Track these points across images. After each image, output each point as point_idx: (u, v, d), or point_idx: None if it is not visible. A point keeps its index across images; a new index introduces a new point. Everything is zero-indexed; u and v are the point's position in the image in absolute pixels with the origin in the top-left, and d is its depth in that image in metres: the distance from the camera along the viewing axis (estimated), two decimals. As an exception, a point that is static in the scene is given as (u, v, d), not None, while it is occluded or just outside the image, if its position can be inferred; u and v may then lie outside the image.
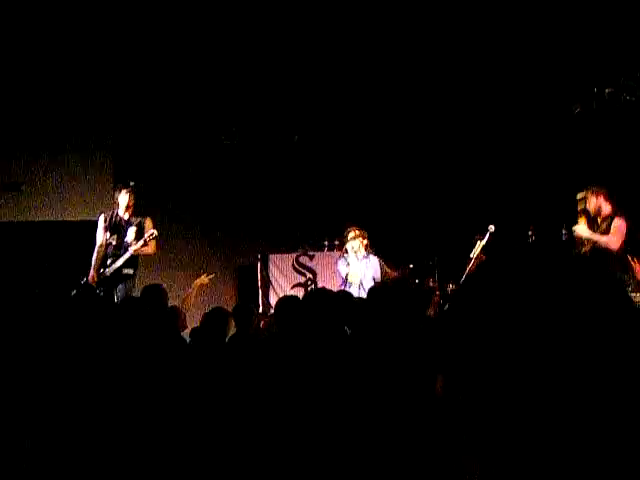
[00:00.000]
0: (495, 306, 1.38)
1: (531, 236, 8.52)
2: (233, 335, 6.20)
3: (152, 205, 8.87)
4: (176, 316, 6.30)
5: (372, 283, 8.43)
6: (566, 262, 1.46)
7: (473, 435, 1.35)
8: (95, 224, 8.50)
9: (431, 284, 8.99)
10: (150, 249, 8.14)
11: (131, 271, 8.20)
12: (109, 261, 8.17)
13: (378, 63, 9.92)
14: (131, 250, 8.07)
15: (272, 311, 8.50)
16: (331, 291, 4.19)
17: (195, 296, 7.29)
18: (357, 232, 8.47)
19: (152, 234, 8.08)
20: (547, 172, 9.79)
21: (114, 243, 8.22)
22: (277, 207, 10.29)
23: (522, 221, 8.95)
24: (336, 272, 8.71)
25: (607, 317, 1.33)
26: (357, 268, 8.38)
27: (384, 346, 3.44)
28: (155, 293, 6.52)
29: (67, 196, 9.82)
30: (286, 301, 4.89)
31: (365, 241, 8.48)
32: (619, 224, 7.36)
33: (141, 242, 8.04)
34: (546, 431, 1.30)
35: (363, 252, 8.45)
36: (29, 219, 9.65)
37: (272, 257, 10.05)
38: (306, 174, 10.42)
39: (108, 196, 9.69)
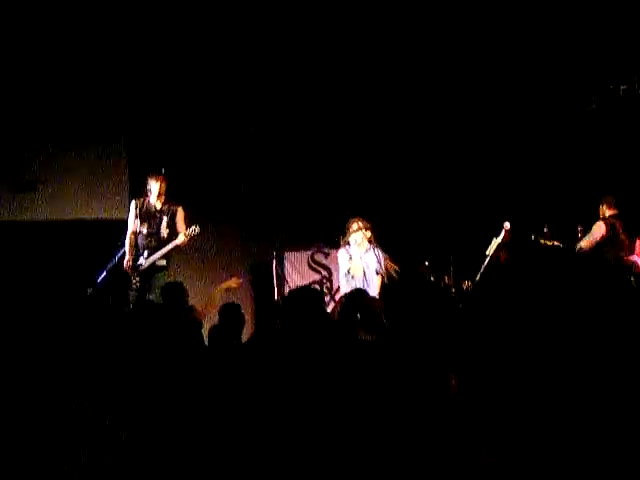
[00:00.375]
0: (510, 306, 1.42)
1: (546, 234, 8.55)
2: (254, 335, 6.21)
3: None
4: (192, 314, 6.36)
5: (375, 276, 8.40)
6: (581, 263, 1.49)
7: (486, 434, 1.39)
8: (111, 223, 8.59)
9: (446, 281, 8.97)
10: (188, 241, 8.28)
11: (164, 262, 8.28)
12: (146, 253, 8.23)
13: (394, 55, 9.91)
14: (173, 245, 8.12)
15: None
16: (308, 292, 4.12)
17: (220, 298, 7.28)
18: (361, 224, 8.30)
19: (194, 231, 8.13)
20: (562, 169, 9.79)
21: (145, 232, 8.27)
22: (292, 204, 10.28)
23: (537, 219, 8.91)
24: (337, 264, 8.59)
25: (623, 319, 1.36)
26: (359, 261, 8.26)
27: (400, 344, 3.43)
28: (176, 291, 6.58)
29: (83, 195, 9.82)
30: (298, 294, 4.74)
31: (369, 233, 8.32)
32: (593, 228, 8.29)
33: (183, 238, 8.08)
34: (559, 430, 1.33)
35: (366, 244, 8.33)
36: (45, 218, 9.69)
37: (287, 254, 10.05)
38: (321, 171, 10.40)
39: (123, 194, 9.80)
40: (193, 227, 8.14)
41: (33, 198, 9.64)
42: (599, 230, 8.28)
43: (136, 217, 8.31)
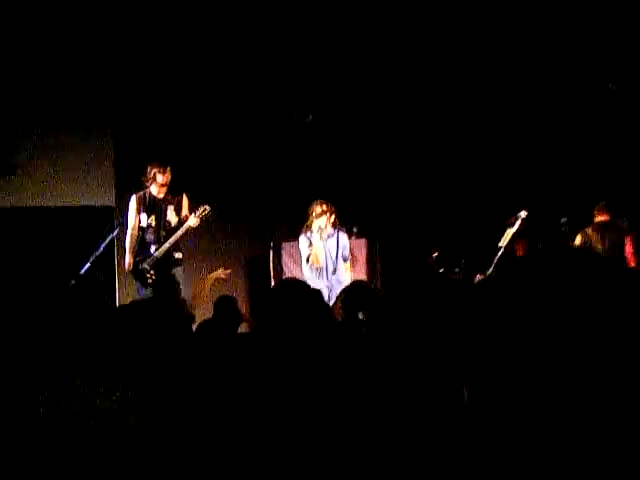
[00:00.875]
0: (528, 304, 1.39)
1: (564, 224, 8.51)
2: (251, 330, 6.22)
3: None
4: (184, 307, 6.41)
5: (341, 262, 8.36)
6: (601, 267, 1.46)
7: (502, 453, 1.37)
8: (95, 210, 8.75)
9: (457, 274, 8.91)
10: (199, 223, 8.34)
11: (180, 255, 8.45)
12: (154, 246, 8.29)
13: (405, 46, 9.91)
14: (185, 228, 8.19)
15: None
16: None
17: (209, 290, 7.31)
18: (324, 207, 8.24)
19: (205, 210, 8.17)
20: (582, 156, 9.77)
21: (153, 225, 8.36)
22: (289, 193, 10.20)
23: (556, 207, 8.93)
24: (298, 252, 8.57)
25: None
26: (321, 249, 8.20)
27: (404, 348, 3.36)
28: (169, 285, 6.62)
29: (65, 180, 9.79)
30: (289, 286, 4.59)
31: (332, 217, 8.27)
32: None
33: (196, 220, 8.15)
34: (574, 440, 1.32)
35: (329, 230, 8.28)
36: (24, 204, 9.66)
37: (285, 245, 9.94)
38: (319, 157, 10.31)
39: (109, 180, 9.86)
40: (202, 207, 8.19)
41: (11, 183, 9.61)
42: (577, 241, 8.42)
43: (139, 212, 8.35)
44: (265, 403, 3.14)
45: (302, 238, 8.35)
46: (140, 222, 8.37)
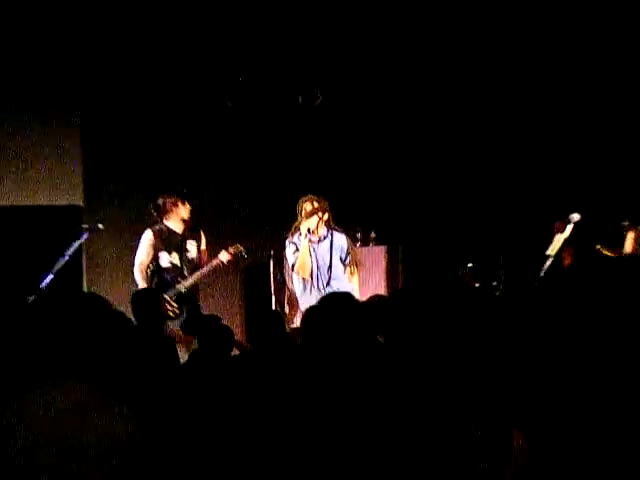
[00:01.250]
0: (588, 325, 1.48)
1: (626, 228, 8.36)
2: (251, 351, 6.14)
3: (129, 196, 9.15)
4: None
5: (339, 270, 8.21)
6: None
7: None
8: (59, 210, 9.11)
9: (496, 289, 8.79)
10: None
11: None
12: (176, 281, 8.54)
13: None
14: (215, 263, 8.53)
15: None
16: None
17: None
18: (315, 204, 8.05)
19: (239, 248, 8.47)
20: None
21: (177, 263, 8.65)
22: (294, 194, 10.17)
23: (615, 210, 8.80)
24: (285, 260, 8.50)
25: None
26: (307, 256, 8.06)
27: (437, 381, 3.26)
28: (149, 299, 6.75)
29: (25, 176, 9.78)
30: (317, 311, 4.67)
31: (326, 216, 8.09)
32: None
33: (228, 256, 8.48)
34: None
35: (323, 231, 8.12)
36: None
37: (287, 254, 10.01)
38: (330, 153, 10.31)
39: (75, 177, 9.88)
40: (236, 245, 8.49)
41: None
42: (627, 240, 8.53)
43: (156, 249, 8.60)
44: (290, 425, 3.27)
45: (288, 245, 8.16)
46: (159, 261, 8.60)
